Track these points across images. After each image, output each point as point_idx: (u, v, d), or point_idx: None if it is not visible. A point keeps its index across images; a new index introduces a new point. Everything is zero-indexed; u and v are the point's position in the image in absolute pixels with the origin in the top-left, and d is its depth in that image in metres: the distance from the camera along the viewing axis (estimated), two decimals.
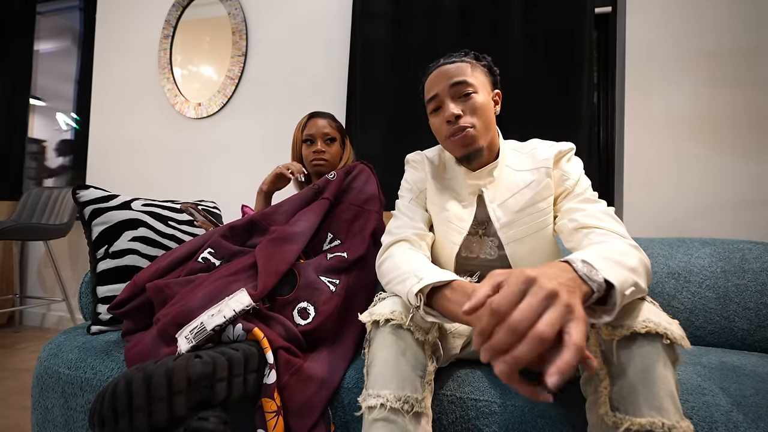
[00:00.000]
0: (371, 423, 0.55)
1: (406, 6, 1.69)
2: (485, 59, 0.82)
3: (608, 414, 0.51)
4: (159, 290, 0.79)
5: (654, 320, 0.52)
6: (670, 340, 0.51)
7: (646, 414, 0.48)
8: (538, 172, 0.78)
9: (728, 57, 1.44)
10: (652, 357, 0.51)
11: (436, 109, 0.78)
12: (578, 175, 0.77)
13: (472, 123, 0.75)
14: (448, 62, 0.78)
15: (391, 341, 0.59)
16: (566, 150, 0.81)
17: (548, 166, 0.78)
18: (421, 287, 0.58)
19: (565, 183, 0.77)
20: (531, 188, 0.77)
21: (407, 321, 0.59)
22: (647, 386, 0.49)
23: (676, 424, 0.47)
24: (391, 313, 0.60)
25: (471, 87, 0.75)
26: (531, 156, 0.81)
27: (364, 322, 0.63)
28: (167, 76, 2.16)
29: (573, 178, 0.77)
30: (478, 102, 0.75)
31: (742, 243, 1.07)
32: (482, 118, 0.76)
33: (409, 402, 0.55)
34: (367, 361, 0.62)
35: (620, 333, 0.52)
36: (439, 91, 0.77)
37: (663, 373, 0.50)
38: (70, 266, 2.39)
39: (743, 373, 0.74)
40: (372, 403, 0.55)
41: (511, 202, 0.78)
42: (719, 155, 1.43)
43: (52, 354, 0.87)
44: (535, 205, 0.76)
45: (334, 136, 1.19)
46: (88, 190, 1.03)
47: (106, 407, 0.54)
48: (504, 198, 0.78)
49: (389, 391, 0.55)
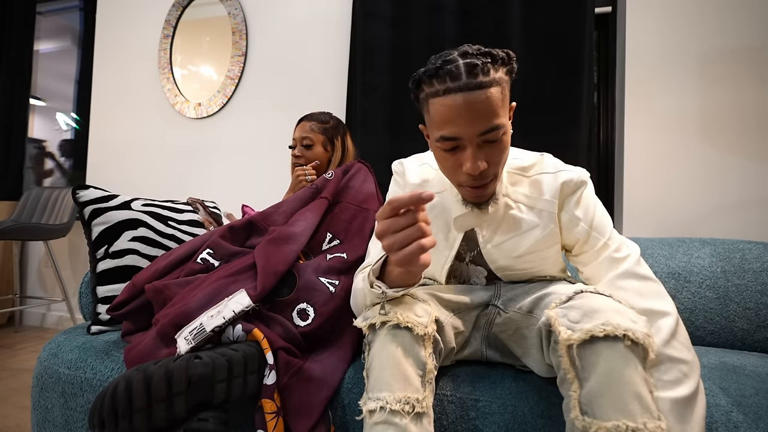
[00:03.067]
0: (372, 426, 0.54)
1: (406, 6, 1.69)
2: (510, 61, 0.62)
3: (578, 418, 0.51)
4: (158, 291, 0.79)
5: (614, 322, 0.52)
6: (631, 340, 0.51)
7: (611, 417, 0.48)
8: (542, 216, 0.70)
9: (728, 56, 1.44)
10: (614, 359, 0.50)
11: (453, 149, 0.63)
12: (590, 219, 0.69)
13: (494, 173, 0.65)
14: (474, 85, 0.58)
15: (389, 342, 0.58)
16: (573, 186, 0.70)
17: (552, 211, 0.69)
18: (368, 275, 0.61)
19: (575, 231, 0.69)
20: (533, 235, 0.70)
21: (403, 318, 0.59)
22: (611, 389, 0.49)
23: (642, 426, 0.47)
24: (387, 314, 0.60)
25: (501, 129, 0.61)
26: (535, 186, 0.71)
27: (359, 327, 0.63)
28: (167, 76, 2.16)
29: (584, 224, 0.68)
30: (504, 145, 0.64)
31: (742, 243, 1.07)
32: (503, 161, 0.65)
33: (409, 402, 0.54)
34: (366, 365, 0.61)
35: (579, 337, 0.52)
36: (463, 137, 0.61)
37: (627, 374, 0.49)
38: (70, 266, 2.40)
39: (743, 373, 0.74)
40: (372, 407, 0.55)
41: (508, 246, 0.71)
42: (720, 155, 1.43)
43: (52, 354, 0.87)
44: (538, 253, 0.71)
45: (312, 140, 1.18)
46: (88, 190, 1.03)
47: (106, 408, 0.54)
48: (501, 240, 0.71)
49: (389, 393, 0.55)
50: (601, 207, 0.72)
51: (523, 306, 0.69)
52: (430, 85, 0.62)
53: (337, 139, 1.22)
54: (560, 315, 0.56)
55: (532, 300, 0.67)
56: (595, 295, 0.58)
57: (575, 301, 0.57)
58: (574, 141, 1.46)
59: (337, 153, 1.21)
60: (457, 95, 0.59)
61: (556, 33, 1.52)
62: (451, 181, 0.69)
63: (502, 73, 0.61)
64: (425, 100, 0.64)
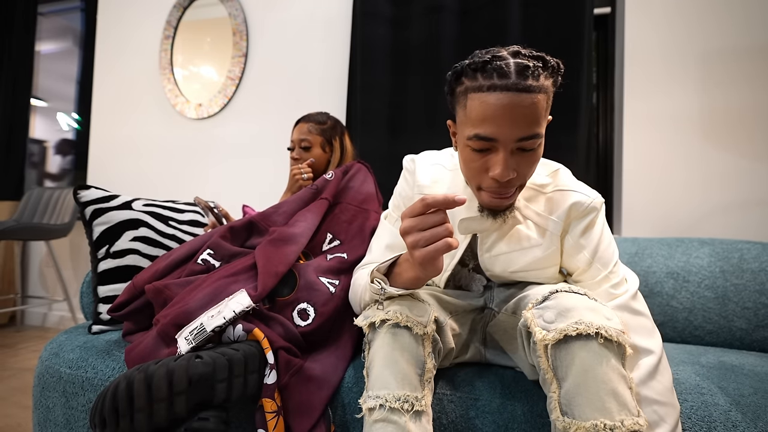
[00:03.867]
0: (372, 424, 0.55)
1: (406, 6, 1.69)
2: (558, 71, 0.59)
3: (559, 419, 0.51)
4: (158, 291, 0.79)
5: (586, 320, 0.52)
6: (605, 338, 0.51)
7: (590, 417, 0.48)
8: (545, 236, 0.68)
9: (727, 57, 1.44)
10: (588, 358, 0.50)
11: (484, 150, 0.59)
12: (595, 248, 0.66)
13: (521, 183, 0.62)
14: (522, 87, 0.54)
15: (389, 341, 0.59)
16: (583, 211, 0.67)
17: (556, 232, 0.68)
18: (373, 270, 0.62)
19: (577, 258, 0.68)
20: (533, 254, 0.68)
21: (403, 318, 0.59)
22: (587, 388, 0.49)
23: (619, 423, 0.47)
24: (387, 313, 0.60)
25: (539, 139, 0.58)
26: (550, 203, 0.69)
27: (360, 326, 0.63)
28: (168, 77, 2.17)
29: (587, 253, 0.66)
30: (537, 156, 0.61)
31: (740, 243, 1.08)
32: (532, 172, 0.63)
33: (408, 401, 0.55)
34: (366, 363, 0.62)
35: (553, 337, 0.52)
36: (500, 139, 0.57)
37: (602, 372, 0.49)
38: (71, 266, 2.40)
39: (742, 372, 0.74)
40: (371, 405, 0.55)
41: (506, 259, 0.69)
42: (718, 155, 1.44)
43: (53, 353, 0.87)
44: (534, 271, 0.70)
45: (310, 142, 1.19)
46: (89, 191, 1.03)
47: (107, 408, 0.54)
48: (500, 252, 0.69)
49: (388, 391, 0.55)
50: (609, 236, 0.69)
51: (509, 307, 0.69)
52: (473, 78, 0.57)
53: (335, 139, 1.22)
54: (536, 315, 0.57)
55: (515, 301, 0.68)
56: (569, 294, 0.58)
57: (550, 301, 0.57)
58: (574, 141, 1.47)
59: (336, 153, 1.21)
60: (503, 94, 0.54)
61: (556, 33, 1.52)
62: (470, 183, 0.65)
63: (550, 81, 0.58)
64: (463, 94, 0.59)
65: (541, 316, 0.56)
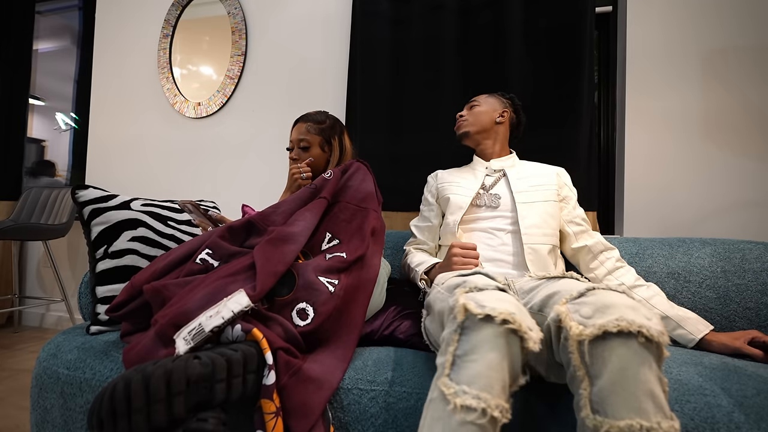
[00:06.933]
0: (461, 423, 0.50)
1: (406, 5, 1.69)
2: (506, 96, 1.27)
3: (589, 417, 0.49)
4: (157, 292, 0.79)
5: (628, 317, 0.51)
6: (646, 337, 0.50)
7: (624, 416, 0.47)
8: (549, 175, 1.13)
9: (729, 56, 1.44)
10: (627, 356, 0.49)
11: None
12: (575, 197, 1.13)
13: (465, 117, 1.22)
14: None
15: (502, 344, 0.54)
16: (565, 174, 1.17)
17: (554, 180, 1.13)
18: (420, 274, 0.99)
19: (567, 200, 1.13)
20: (543, 178, 1.12)
21: (525, 328, 0.54)
22: (624, 387, 0.48)
23: (656, 425, 0.46)
24: (511, 315, 0.54)
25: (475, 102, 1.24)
26: (538, 165, 1.16)
27: (467, 307, 0.56)
28: (167, 76, 2.16)
29: (573, 198, 1.13)
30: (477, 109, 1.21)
31: (742, 243, 1.07)
32: (475, 117, 1.20)
33: (504, 414, 0.51)
34: (456, 349, 0.56)
35: (591, 333, 0.51)
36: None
37: (641, 372, 0.48)
38: (69, 266, 2.39)
39: (745, 373, 0.74)
40: (471, 404, 0.50)
41: (525, 183, 1.11)
42: (720, 155, 1.43)
43: (51, 354, 0.86)
44: (545, 192, 1.10)
45: (309, 142, 1.17)
46: (87, 190, 1.02)
47: (105, 409, 0.54)
48: (522, 175, 1.13)
49: (491, 396, 0.51)
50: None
51: (534, 305, 0.68)
52: None
53: (334, 139, 1.20)
54: (571, 310, 0.55)
55: (542, 298, 0.66)
56: (608, 291, 0.57)
57: (587, 297, 0.56)
58: (575, 140, 1.46)
59: (335, 153, 1.20)
60: None
61: (557, 32, 1.52)
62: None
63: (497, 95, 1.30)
64: None
65: (577, 311, 0.55)
